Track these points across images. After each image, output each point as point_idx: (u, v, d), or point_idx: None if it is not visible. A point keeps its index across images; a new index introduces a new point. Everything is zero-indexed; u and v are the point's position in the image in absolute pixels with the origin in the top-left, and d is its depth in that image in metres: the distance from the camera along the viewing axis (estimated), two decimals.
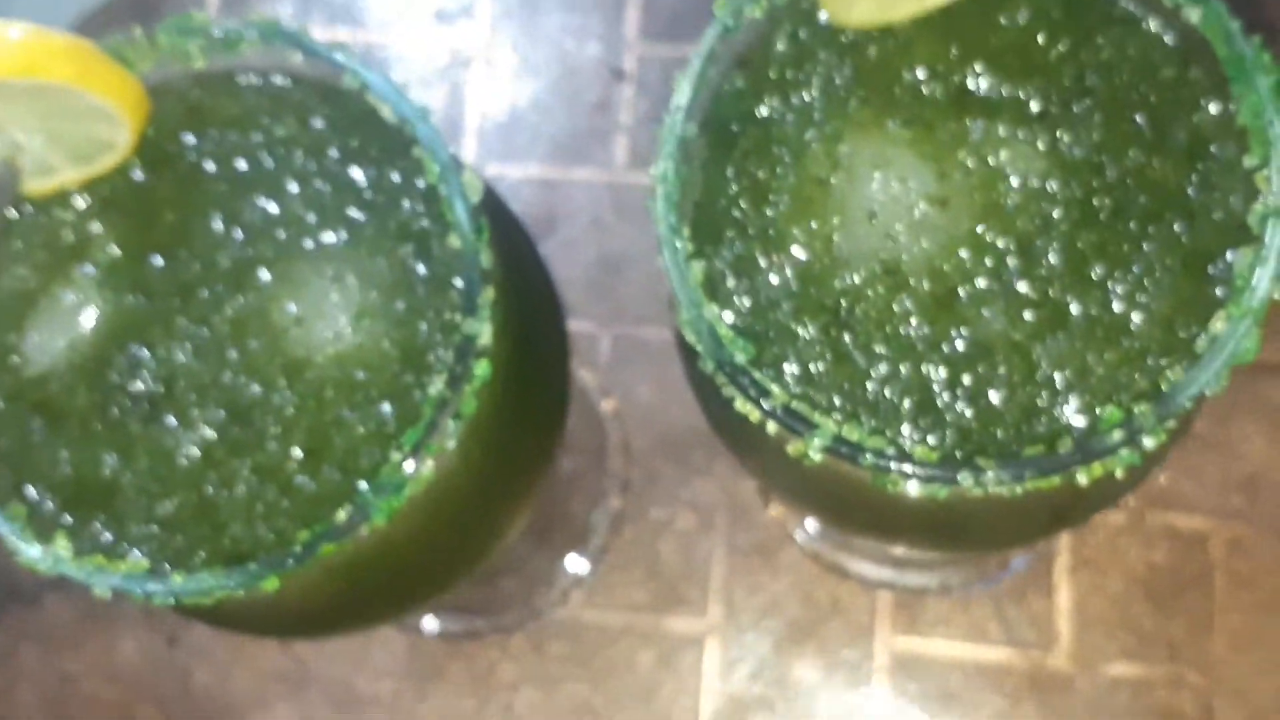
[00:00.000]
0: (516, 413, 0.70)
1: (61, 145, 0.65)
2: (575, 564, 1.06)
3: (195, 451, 0.64)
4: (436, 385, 0.61)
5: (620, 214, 1.12)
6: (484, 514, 0.71)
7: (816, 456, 0.59)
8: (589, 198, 1.12)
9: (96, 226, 0.67)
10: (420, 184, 0.65)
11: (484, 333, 0.61)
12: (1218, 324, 0.58)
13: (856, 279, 0.62)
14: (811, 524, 1.05)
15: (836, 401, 0.61)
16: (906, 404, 0.61)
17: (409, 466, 0.60)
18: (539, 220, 1.11)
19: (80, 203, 0.67)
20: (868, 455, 0.58)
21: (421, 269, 0.65)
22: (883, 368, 0.62)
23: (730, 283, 0.63)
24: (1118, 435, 0.57)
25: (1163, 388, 0.59)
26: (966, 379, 0.61)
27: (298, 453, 0.64)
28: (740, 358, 0.59)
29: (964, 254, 0.62)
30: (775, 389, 0.59)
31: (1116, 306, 0.61)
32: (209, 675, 1.07)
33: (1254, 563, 1.01)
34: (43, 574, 0.62)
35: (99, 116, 0.64)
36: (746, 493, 1.06)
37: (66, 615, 1.09)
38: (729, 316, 0.61)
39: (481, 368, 0.61)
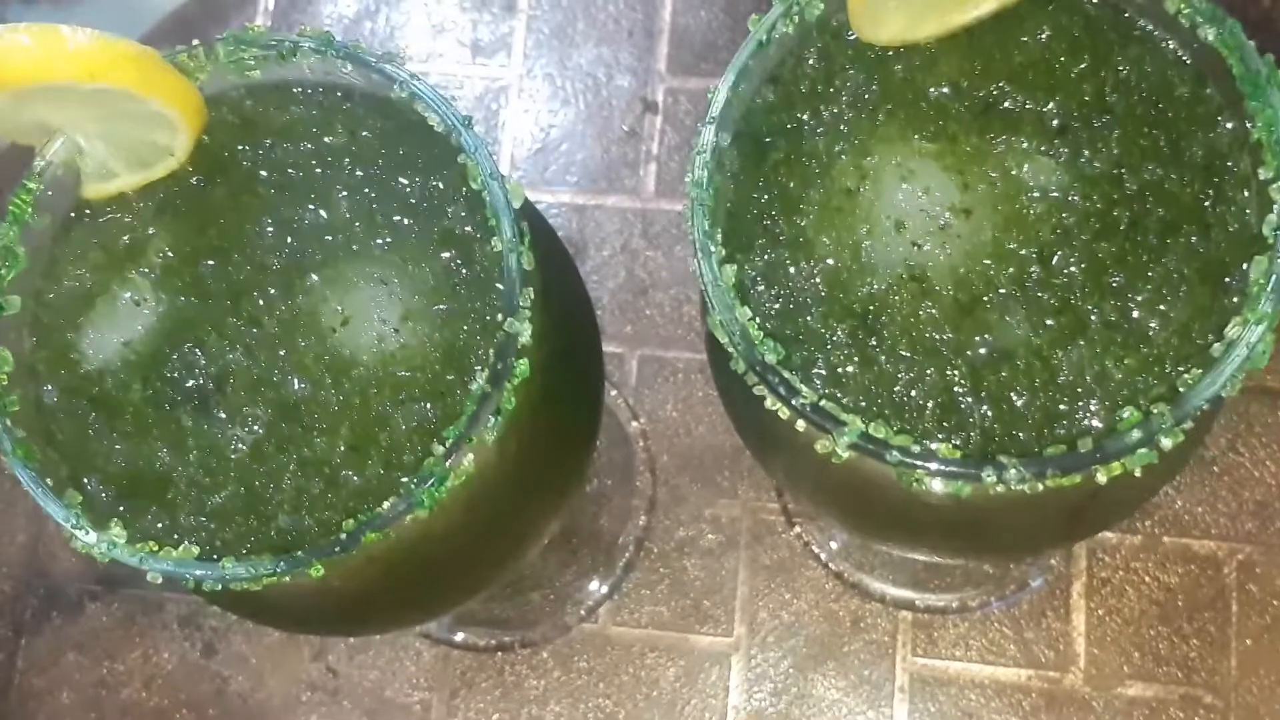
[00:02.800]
0: (553, 413, 0.72)
1: (121, 150, 0.68)
2: (602, 581, 1.08)
3: (245, 446, 0.67)
4: (478, 382, 0.63)
5: (649, 240, 1.14)
6: (519, 512, 0.73)
7: (844, 454, 0.61)
8: (619, 224, 1.15)
9: (152, 230, 0.70)
10: (464, 191, 0.67)
11: (524, 332, 0.63)
12: (1233, 329, 0.60)
13: (883, 285, 0.65)
14: (834, 543, 1.07)
15: (863, 402, 0.64)
16: (931, 406, 0.63)
17: (451, 459, 0.62)
18: (570, 245, 1.14)
19: (138, 206, 0.70)
20: (893, 452, 0.60)
21: (464, 272, 0.67)
22: (908, 371, 0.64)
23: (760, 288, 0.66)
24: (1136, 435, 0.59)
25: (1180, 391, 0.61)
26: (989, 383, 0.63)
27: (343, 448, 0.66)
28: (770, 357, 0.62)
29: (987, 262, 0.65)
30: (804, 388, 0.61)
31: (1135, 314, 0.64)
32: (244, 683, 1.09)
33: (1267, 585, 1.03)
34: (97, 561, 0.64)
35: (159, 123, 0.67)
36: (770, 512, 1.08)
37: (107, 623, 1.12)
38: (759, 320, 0.64)
39: (522, 366, 0.63)
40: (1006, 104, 0.67)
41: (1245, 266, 0.63)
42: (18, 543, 1.15)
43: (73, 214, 0.70)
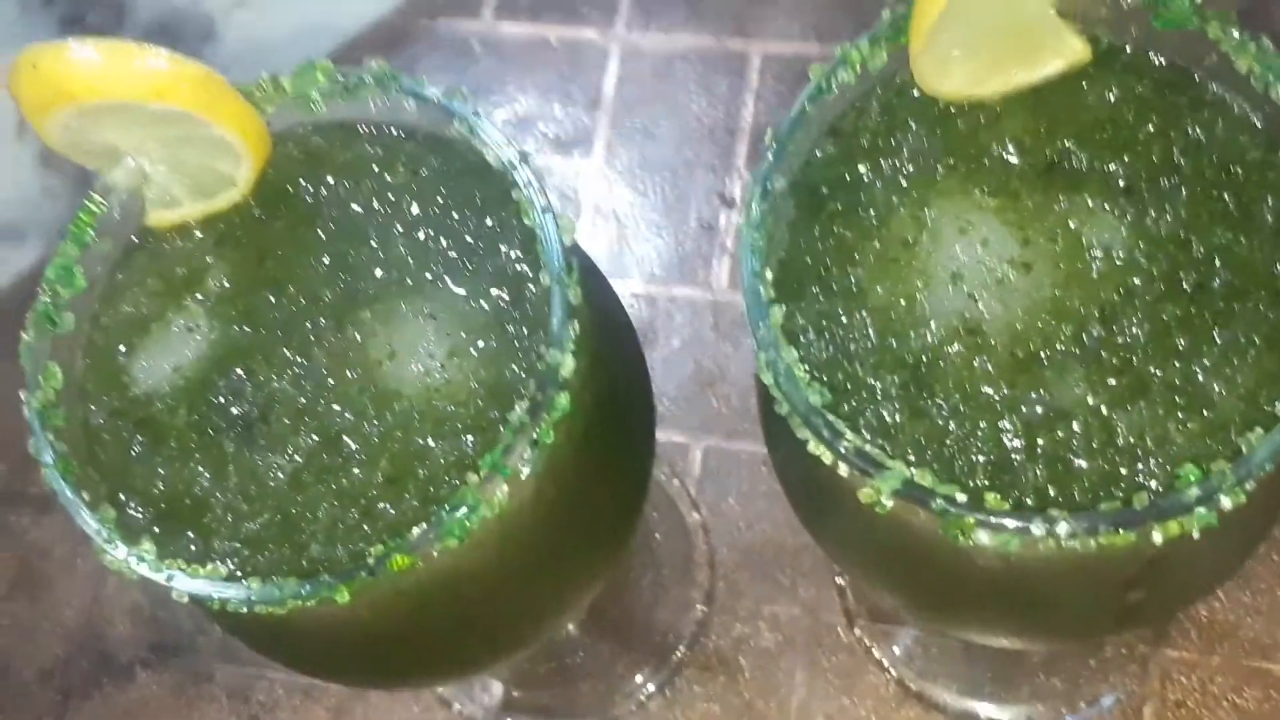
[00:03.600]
0: (596, 463, 0.71)
1: (184, 177, 0.69)
2: (654, 674, 1.05)
3: (284, 474, 0.66)
4: (516, 412, 0.62)
5: (719, 332, 1.14)
6: (556, 563, 0.71)
7: (888, 503, 0.59)
8: (689, 315, 1.15)
9: (211, 259, 0.70)
10: (518, 228, 0.67)
11: (566, 364, 0.62)
12: None
13: (937, 337, 0.63)
14: (897, 648, 1.03)
15: (911, 455, 0.62)
16: (982, 462, 0.61)
17: (484, 489, 0.61)
18: (640, 335, 1.14)
19: (198, 235, 0.71)
20: (939, 500, 0.58)
21: (513, 310, 0.67)
22: (959, 426, 0.62)
23: (811, 336, 0.64)
24: (1195, 493, 0.56)
25: (1243, 451, 0.58)
26: (1044, 442, 0.61)
27: (381, 479, 0.65)
28: (815, 399, 0.60)
29: (1046, 318, 0.63)
30: (849, 432, 0.60)
31: (1199, 378, 0.61)
32: None
33: None
34: (127, 577, 0.63)
35: (222, 149, 0.68)
36: (831, 612, 1.05)
37: (157, 692, 1.11)
38: (806, 364, 0.62)
39: (562, 400, 0.62)
40: (1071, 163, 0.65)
41: None
42: (74, 606, 1.14)
43: (135, 240, 0.71)
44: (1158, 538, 0.57)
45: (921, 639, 1.03)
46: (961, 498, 0.58)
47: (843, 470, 0.60)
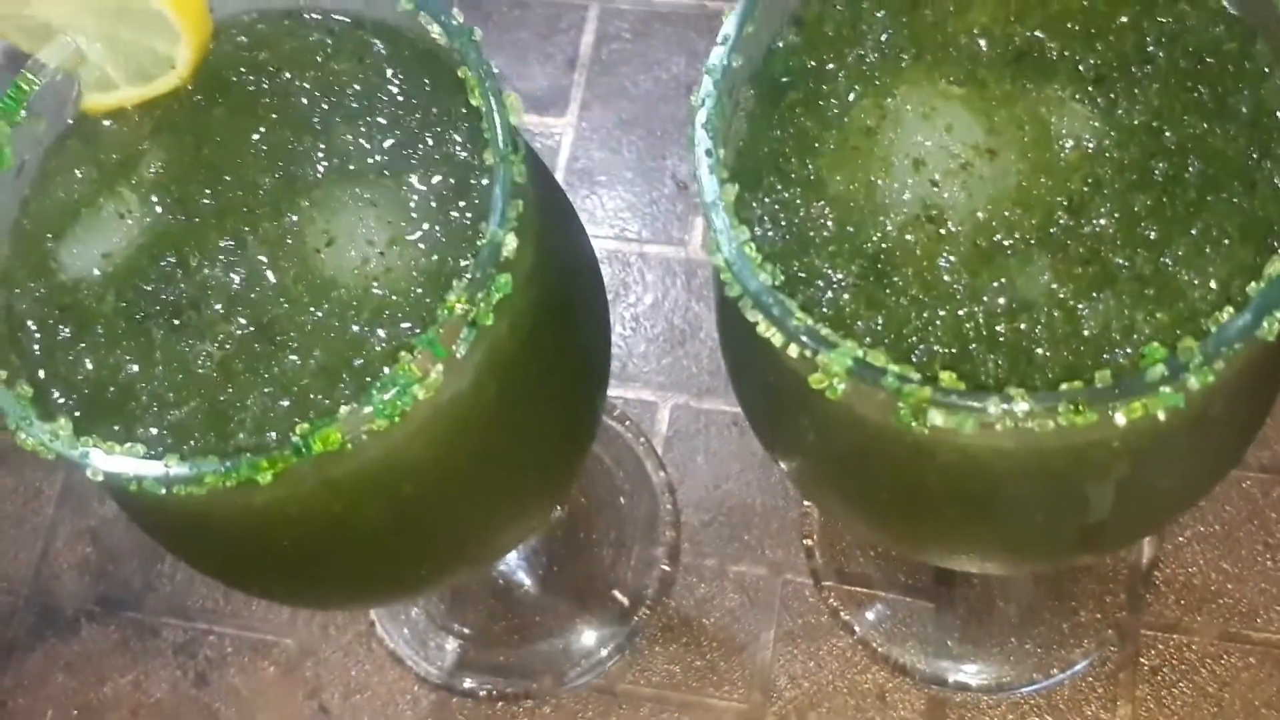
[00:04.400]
0: (542, 369, 0.68)
1: (121, 57, 0.66)
2: (615, 634, 1.01)
3: (213, 362, 0.63)
4: (455, 288, 0.59)
5: (692, 292, 1.11)
6: (497, 475, 0.68)
7: (840, 386, 0.56)
8: (661, 272, 1.12)
9: (147, 145, 0.68)
10: (464, 115, 0.65)
11: (508, 244, 0.60)
12: (1274, 265, 0.55)
13: (896, 226, 0.61)
14: (869, 613, 1.00)
15: (868, 344, 0.59)
16: (941, 352, 0.59)
17: (417, 367, 0.58)
18: (610, 290, 1.11)
19: (135, 120, 0.68)
20: (891, 377, 0.55)
21: (459, 199, 0.64)
22: (918, 315, 0.59)
23: (767, 224, 0.62)
24: (1160, 370, 0.53)
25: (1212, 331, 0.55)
26: (1004, 331, 0.58)
27: (314, 367, 0.62)
28: (766, 279, 0.57)
29: (1011, 208, 0.60)
30: (799, 312, 0.57)
31: (1170, 269, 0.59)
32: (234, 717, 1.03)
33: None
34: (55, 454, 0.60)
35: (159, 26, 0.65)
36: (799, 572, 1.02)
37: (102, 646, 1.07)
38: (764, 258, 0.59)
39: (503, 280, 0.60)
40: (1041, 52, 0.63)
41: None
42: (20, 559, 1.11)
43: (70, 125, 0.68)
44: (1120, 419, 0.54)
45: (890, 601, 1.00)
46: (916, 376, 0.55)
47: (793, 352, 0.56)
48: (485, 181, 0.63)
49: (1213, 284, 0.58)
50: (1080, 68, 0.62)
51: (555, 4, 1.25)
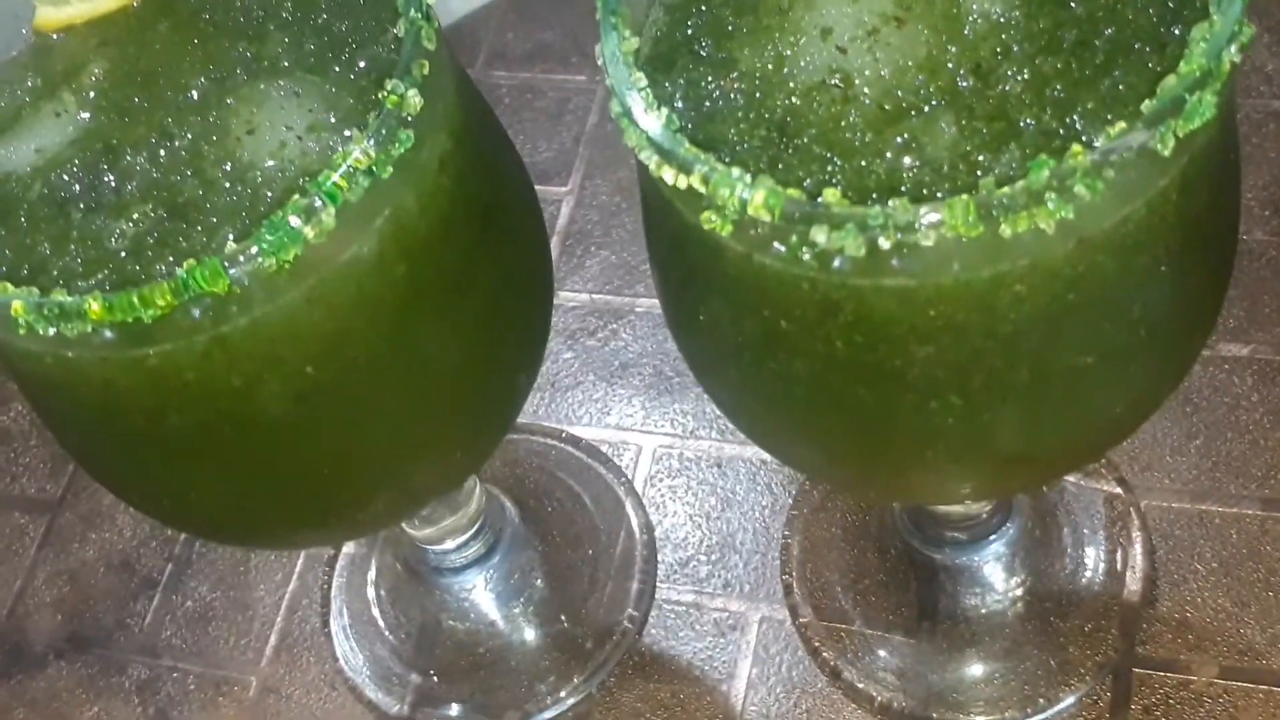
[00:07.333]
0: (457, 266, 0.67)
1: None
2: (582, 671, 0.97)
3: (126, 238, 0.63)
4: (355, 137, 0.59)
5: None
6: (406, 379, 0.67)
7: (731, 213, 0.55)
8: (651, 325, 1.12)
9: (91, 57, 0.70)
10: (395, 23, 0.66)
11: (410, 98, 0.60)
12: (1169, 80, 0.53)
13: (803, 93, 0.60)
14: (844, 647, 0.95)
15: None
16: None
17: (308, 211, 0.58)
18: (599, 338, 1.11)
19: (83, 36, 0.70)
20: (765, 190, 0.54)
21: (379, 93, 0.65)
22: (820, 171, 0.58)
23: (679, 104, 0.62)
24: (1044, 176, 0.52)
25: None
26: (908, 183, 0.57)
27: (229, 247, 0.62)
28: (657, 118, 0.57)
29: (917, 73, 0.60)
30: (688, 145, 0.56)
31: (1076, 126, 0.57)
32: None
33: None
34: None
35: None
36: (775, 609, 0.98)
37: (67, 683, 1.05)
38: (652, 87, 0.59)
39: (403, 134, 0.60)
40: None
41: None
42: None
43: (22, 42, 0.71)
44: (1006, 230, 0.52)
45: (870, 637, 0.95)
46: (798, 194, 0.54)
47: (682, 184, 0.56)
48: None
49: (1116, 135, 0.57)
50: None
51: (566, 89, 1.29)
